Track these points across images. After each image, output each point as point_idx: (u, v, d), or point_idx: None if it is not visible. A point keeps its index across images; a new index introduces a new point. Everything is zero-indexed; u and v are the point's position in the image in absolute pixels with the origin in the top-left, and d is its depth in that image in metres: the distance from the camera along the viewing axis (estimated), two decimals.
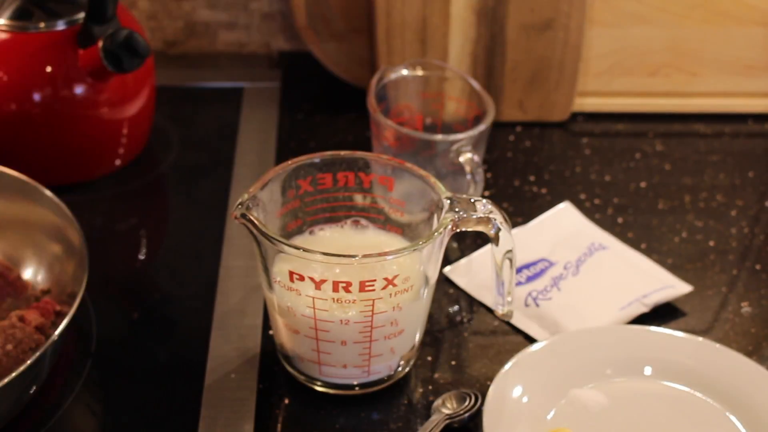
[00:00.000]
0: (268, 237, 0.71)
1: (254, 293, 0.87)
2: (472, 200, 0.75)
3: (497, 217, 0.75)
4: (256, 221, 0.71)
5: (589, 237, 0.94)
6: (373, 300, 0.72)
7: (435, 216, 0.76)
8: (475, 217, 0.74)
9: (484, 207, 0.75)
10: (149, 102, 1.02)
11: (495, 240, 0.76)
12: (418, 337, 0.80)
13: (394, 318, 0.74)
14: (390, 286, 0.72)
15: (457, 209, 0.74)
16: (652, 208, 1.01)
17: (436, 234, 0.72)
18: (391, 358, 0.77)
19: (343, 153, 0.79)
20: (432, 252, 0.74)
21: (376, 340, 0.75)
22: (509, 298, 0.80)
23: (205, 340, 0.83)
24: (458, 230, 0.74)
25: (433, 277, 0.76)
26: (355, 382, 0.78)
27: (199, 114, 1.14)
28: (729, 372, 0.79)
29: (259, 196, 0.74)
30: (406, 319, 0.75)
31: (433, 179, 0.76)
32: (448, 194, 0.75)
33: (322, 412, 0.78)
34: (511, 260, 0.77)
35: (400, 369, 0.79)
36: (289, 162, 0.78)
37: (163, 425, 0.76)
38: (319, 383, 0.79)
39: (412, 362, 0.81)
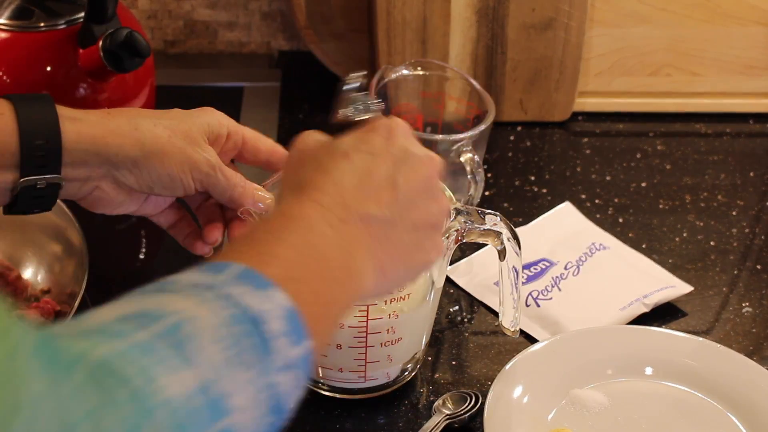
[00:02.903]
0: None
1: None
2: (480, 212, 0.71)
3: (504, 231, 0.72)
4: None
5: (590, 237, 0.94)
6: (367, 306, 0.72)
7: None
8: (481, 229, 0.71)
9: (491, 220, 0.71)
10: (149, 102, 1.02)
11: (501, 255, 0.73)
12: (421, 347, 0.79)
13: (391, 325, 0.74)
14: None
15: (463, 220, 0.71)
16: (652, 208, 1.01)
17: None
18: (388, 365, 0.77)
19: None
20: None
21: (372, 346, 0.74)
22: (517, 314, 0.77)
23: None
24: (463, 241, 0.72)
25: (438, 286, 0.75)
26: (354, 387, 0.78)
27: None
28: (729, 372, 0.79)
29: None
30: (405, 327, 0.75)
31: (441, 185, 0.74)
32: (457, 205, 0.71)
33: (324, 414, 0.77)
34: (517, 273, 0.74)
35: (399, 377, 0.79)
36: None
37: None
38: (320, 385, 0.78)
39: (414, 373, 0.80)
